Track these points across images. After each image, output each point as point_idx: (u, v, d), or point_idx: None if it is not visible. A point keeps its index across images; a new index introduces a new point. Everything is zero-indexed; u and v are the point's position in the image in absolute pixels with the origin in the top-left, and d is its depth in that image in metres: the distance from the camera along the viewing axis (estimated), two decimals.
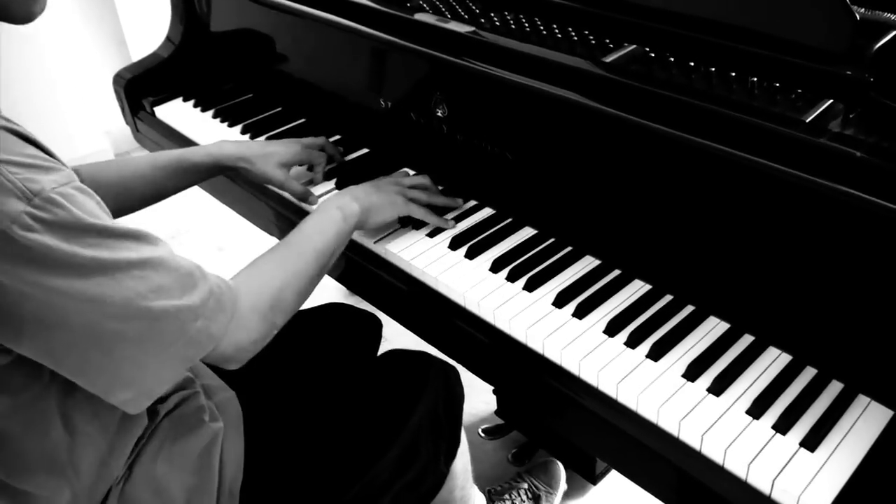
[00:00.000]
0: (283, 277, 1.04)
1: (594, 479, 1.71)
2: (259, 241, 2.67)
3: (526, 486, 1.73)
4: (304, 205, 1.38)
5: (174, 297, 0.85)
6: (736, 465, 0.87)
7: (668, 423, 0.93)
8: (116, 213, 1.28)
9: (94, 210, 0.82)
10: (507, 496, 1.71)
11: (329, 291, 2.39)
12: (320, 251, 1.09)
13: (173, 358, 0.87)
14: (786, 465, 0.86)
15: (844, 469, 0.85)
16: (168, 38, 1.81)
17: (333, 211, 1.15)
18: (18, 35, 0.77)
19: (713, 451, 0.89)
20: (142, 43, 2.94)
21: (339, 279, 1.43)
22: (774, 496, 0.85)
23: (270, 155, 1.35)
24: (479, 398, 1.97)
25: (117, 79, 1.78)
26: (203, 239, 2.82)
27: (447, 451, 1.30)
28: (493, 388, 1.86)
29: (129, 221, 1.28)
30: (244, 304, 0.96)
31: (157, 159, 1.31)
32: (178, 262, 0.88)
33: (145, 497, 1.00)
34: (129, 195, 1.29)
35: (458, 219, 1.29)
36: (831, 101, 1.01)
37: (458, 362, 1.22)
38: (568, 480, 1.77)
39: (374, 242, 1.26)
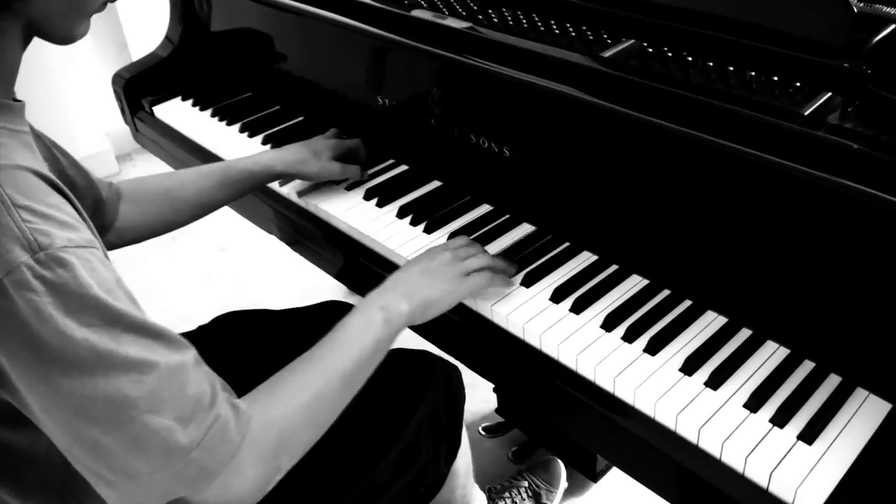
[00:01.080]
0: (296, 409, 0.86)
1: (595, 477, 1.71)
2: (260, 242, 2.69)
3: (526, 484, 1.73)
4: (307, 207, 1.38)
5: (168, 417, 0.73)
6: (733, 459, 0.87)
7: (665, 418, 0.92)
8: (165, 226, 1.28)
9: (110, 286, 0.71)
10: (507, 494, 1.71)
11: (328, 290, 2.39)
12: (349, 371, 0.92)
13: (155, 486, 0.75)
14: (783, 458, 0.85)
15: (842, 462, 0.85)
16: (167, 38, 1.82)
17: (375, 313, 0.96)
18: None
19: (710, 445, 0.89)
20: (142, 44, 2.95)
21: (338, 276, 1.42)
22: (772, 489, 0.84)
23: (320, 152, 1.36)
24: (479, 396, 1.97)
25: (116, 78, 1.79)
26: (204, 239, 2.82)
27: (447, 452, 1.29)
28: (493, 386, 1.86)
29: None
30: (246, 442, 0.80)
31: (203, 169, 1.30)
32: (188, 378, 0.75)
33: None
34: (176, 206, 1.28)
35: (454, 215, 1.28)
36: (829, 94, 1.01)
37: (456, 358, 1.22)
38: (568, 478, 1.76)
39: (373, 238, 1.26)
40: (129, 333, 0.71)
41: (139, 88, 1.77)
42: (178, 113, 1.72)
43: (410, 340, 1.36)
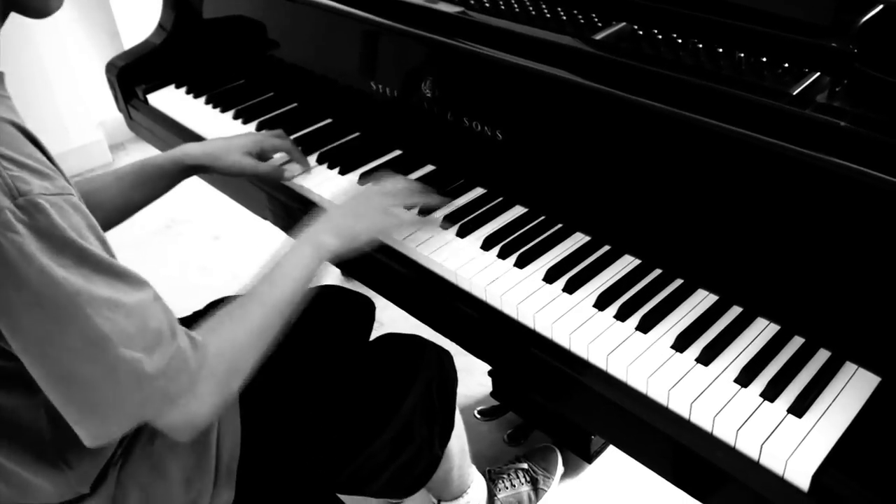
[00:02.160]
0: (243, 338, 0.95)
1: (589, 458, 1.73)
2: (255, 230, 2.69)
3: (525, 466, 1.75)
4: (300, 192, 1.39)
5: (137, 349, 0.80)
6: (724, 432, 0.88)
7: (658, 393, 0.94)
8: None
9: (81, 230, 0.77)
10: (505, 476, 1.73)
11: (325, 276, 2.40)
12: (285, 302, 1.01)
13: (124, 413, 0.82)
14: (773, 430, 0.87)
15: (831, 434, 0.86)
16: (160, 25, 1.82)
17: (306, 248, 1.06)
18: (12, 26, 0.78)
19: (702, 419, 0.90)
20: (133, 33, 2.95)
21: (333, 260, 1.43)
22: (763, 461, 0.86)
23: (234, 147, 1.34)
24: (474, 380, 1.98)
25: (110, 67, 1.79)
26: (199, 228, 2.83)
27: (441, 434, 1.31)
28: (488, 370, 1.88)
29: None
30: (203, 370, 0.88)
31: (120, 171, 1.28)
32: (150, 314, 0.82)
33: (144, 475, 1.01)
34: (98, 211, 1.25)
35: (448, 198, 1.29)
36: (818, 74, 1.02)
37: (450, 339, 1.23)
38: (564, 461, 1.78)
39: None
40: (98, 274, 0.77)
41: (133, 76, 1.78)
42: (172, 100, 1.72)
43: (405, 329, 1.38)
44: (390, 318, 2.01)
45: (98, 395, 0.79)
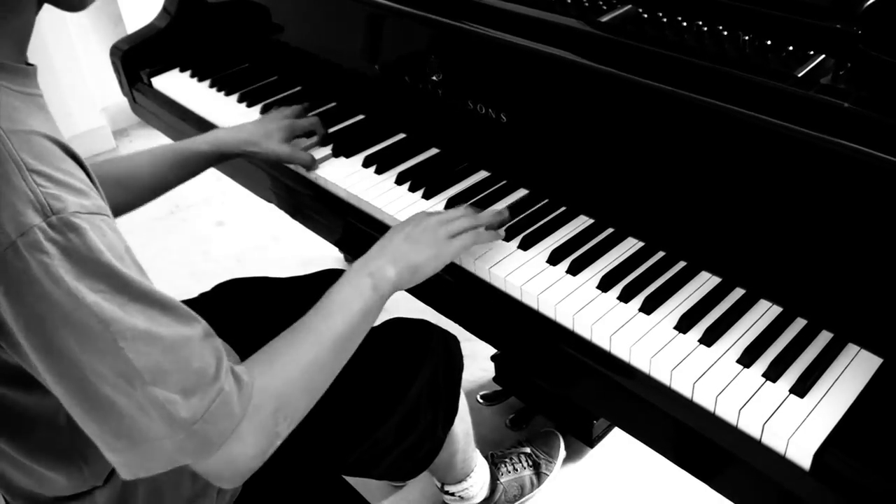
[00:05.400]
0: (293, 374, 0.88)
1: (591, 442, 1.74)
2: (258, 215, 2.70)
3: (528, 450, 1.75)
4: (304, 173, 1.39)
5: (172, 389, 0.73)
6: (726, 412, 0.89)
7: (660, 373, 0.94)
8: (121, 208, 1.24)
9: (120, 254, 0.72)
10: (508, 460, 1.73)
11: (328, 263, 2.40)
12: (340, 336, 0.93)
13: (160, 453, 0.75)
14: (775, 410, 0.87)
15: (833, 414, 0.87)
16: (164, 9, 1.82)
17: (363, 279, 0.98)
18: None
19: (704, 399, 0.91)
20: (138, 19, 2.94)
21: (337, 244, 1.44)
22: (765, 440, 0.86)
23: (271, 133, 1.35)
24: (477, 365, 1.99)
25: (114, 50, 1.79)
26: (203, 213, 2.83)
27: (445, 419, 1.31)
28: (491, 355, 1.89)
29: None
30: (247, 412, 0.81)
31: (157, 151, 1.29)
32: (193, 352, 0.76)
33: None
34: (131, 187, 1.27)
35: (453, 181, 1.30)
36: (823, 56, 1.02)
37: (455, 321, 1.23)
38: (566, 444, 1.79)
39: (372, 204, 1.27)
40: (136, 303, 0.72)
41: (137, 60, 1.77)
42: (176, 84, 1.72)
43: (409, 311, 1.39)
44: (394, 303, 2.01)
45: (128, 431, 0.73)
